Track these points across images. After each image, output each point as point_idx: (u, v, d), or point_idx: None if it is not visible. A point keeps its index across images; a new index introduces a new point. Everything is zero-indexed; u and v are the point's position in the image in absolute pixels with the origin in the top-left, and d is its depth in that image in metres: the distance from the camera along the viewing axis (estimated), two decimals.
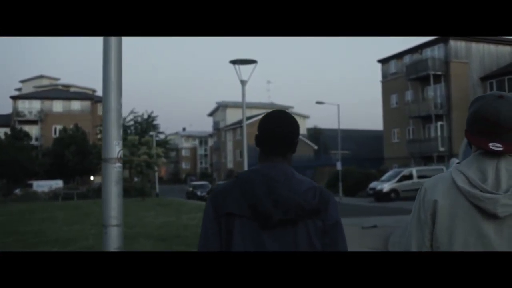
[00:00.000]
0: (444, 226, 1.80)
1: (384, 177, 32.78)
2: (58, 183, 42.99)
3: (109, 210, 2.91)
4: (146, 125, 51.40)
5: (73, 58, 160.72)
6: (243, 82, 16.07)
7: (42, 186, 40.86)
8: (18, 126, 52.31)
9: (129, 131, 49.79)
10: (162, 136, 54.73)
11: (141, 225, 15.94)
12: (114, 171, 2.93)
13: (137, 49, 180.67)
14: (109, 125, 2.92)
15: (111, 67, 2.86)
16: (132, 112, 52.36)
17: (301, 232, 1.90)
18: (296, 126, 2.07)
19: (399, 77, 40.99)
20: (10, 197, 37.45)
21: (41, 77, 68.38)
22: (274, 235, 1.89)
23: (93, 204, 27.63)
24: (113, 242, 2.73)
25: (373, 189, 32.02)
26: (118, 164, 2.92)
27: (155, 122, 52.53)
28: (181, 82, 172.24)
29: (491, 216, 1.74)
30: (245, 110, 16.71)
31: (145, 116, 52.46)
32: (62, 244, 11.31)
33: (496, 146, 1.77)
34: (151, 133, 47.07)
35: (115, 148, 2.92)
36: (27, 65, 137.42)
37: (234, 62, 15.90)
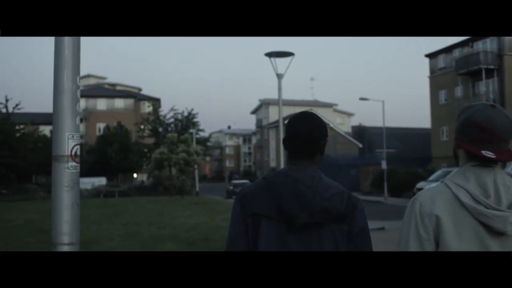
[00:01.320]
0: (453, 245, 1.77)
1: (432, 177, 31.17)
2: (101, 181, 43.48)
3: (59, 224, 2.25)
4: (186, 122, 51.12)
5: (120, 57, 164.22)
6: (279, 76, 15.33)
7: (85, 183, 41.22)
8: None
9: (169, 129, 49.83)
10: (203, 134, 54.45)
11: (173, 226, 15.38)
12: (66, 173, 2.20)
13: (183, 49, 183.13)
14: (60, 112, 2.22)
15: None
16: (172, 109, 52.24)
17: (326, 236, 1.90)
18: (322, 126, 2.05)
19: (448, 72, 39.33)
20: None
21: (88, 76, 69.94)
22: (299, 238, 1.90)
23: (130, 202, 27.52)
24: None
25: (421, 189, 30.41)
26: (73, 164, 2.21)
27: (195, 120, 52.19)
28: (227, 80, 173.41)
29: (498, 233, 1.73)
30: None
31: (185, 114, 52.19)
32: (84, 246, 10.76)
33: (489, 154, 1.77)
34: (191, 130, 46.72)
35: (68, 143, 2.17)
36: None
37: (269, 54, 15.14)
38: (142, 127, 51.05)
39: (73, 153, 2.16)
